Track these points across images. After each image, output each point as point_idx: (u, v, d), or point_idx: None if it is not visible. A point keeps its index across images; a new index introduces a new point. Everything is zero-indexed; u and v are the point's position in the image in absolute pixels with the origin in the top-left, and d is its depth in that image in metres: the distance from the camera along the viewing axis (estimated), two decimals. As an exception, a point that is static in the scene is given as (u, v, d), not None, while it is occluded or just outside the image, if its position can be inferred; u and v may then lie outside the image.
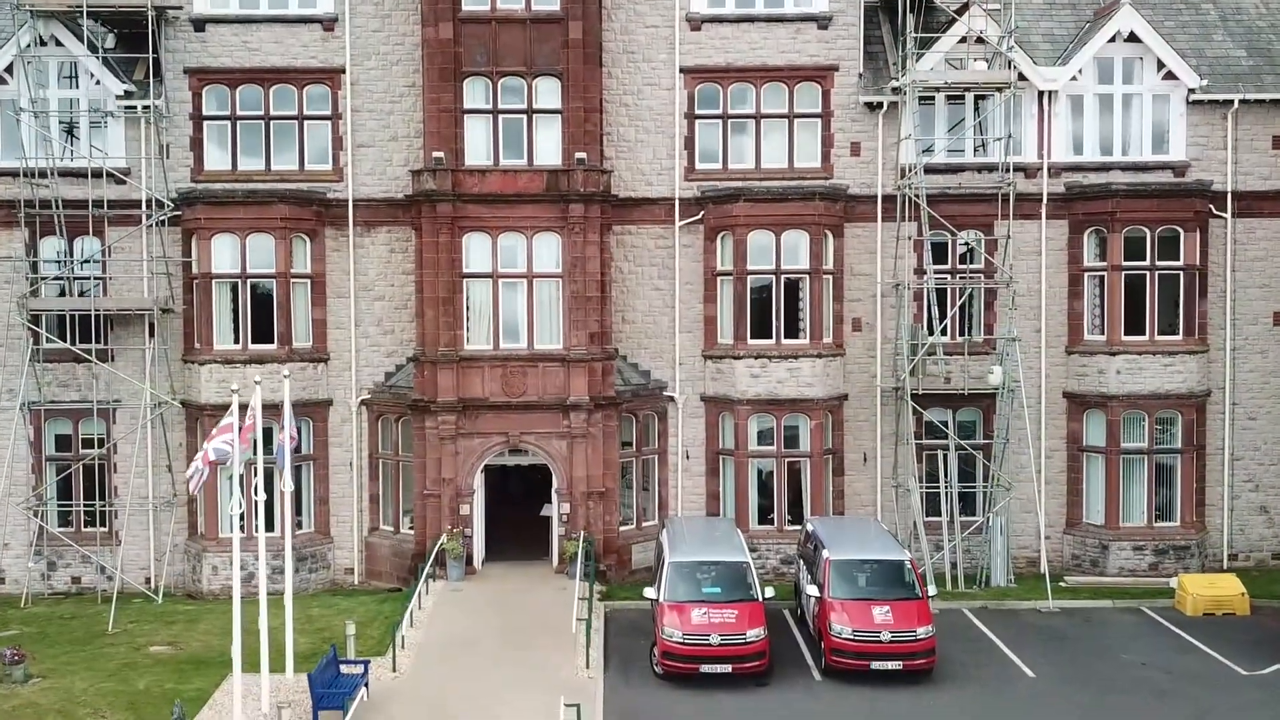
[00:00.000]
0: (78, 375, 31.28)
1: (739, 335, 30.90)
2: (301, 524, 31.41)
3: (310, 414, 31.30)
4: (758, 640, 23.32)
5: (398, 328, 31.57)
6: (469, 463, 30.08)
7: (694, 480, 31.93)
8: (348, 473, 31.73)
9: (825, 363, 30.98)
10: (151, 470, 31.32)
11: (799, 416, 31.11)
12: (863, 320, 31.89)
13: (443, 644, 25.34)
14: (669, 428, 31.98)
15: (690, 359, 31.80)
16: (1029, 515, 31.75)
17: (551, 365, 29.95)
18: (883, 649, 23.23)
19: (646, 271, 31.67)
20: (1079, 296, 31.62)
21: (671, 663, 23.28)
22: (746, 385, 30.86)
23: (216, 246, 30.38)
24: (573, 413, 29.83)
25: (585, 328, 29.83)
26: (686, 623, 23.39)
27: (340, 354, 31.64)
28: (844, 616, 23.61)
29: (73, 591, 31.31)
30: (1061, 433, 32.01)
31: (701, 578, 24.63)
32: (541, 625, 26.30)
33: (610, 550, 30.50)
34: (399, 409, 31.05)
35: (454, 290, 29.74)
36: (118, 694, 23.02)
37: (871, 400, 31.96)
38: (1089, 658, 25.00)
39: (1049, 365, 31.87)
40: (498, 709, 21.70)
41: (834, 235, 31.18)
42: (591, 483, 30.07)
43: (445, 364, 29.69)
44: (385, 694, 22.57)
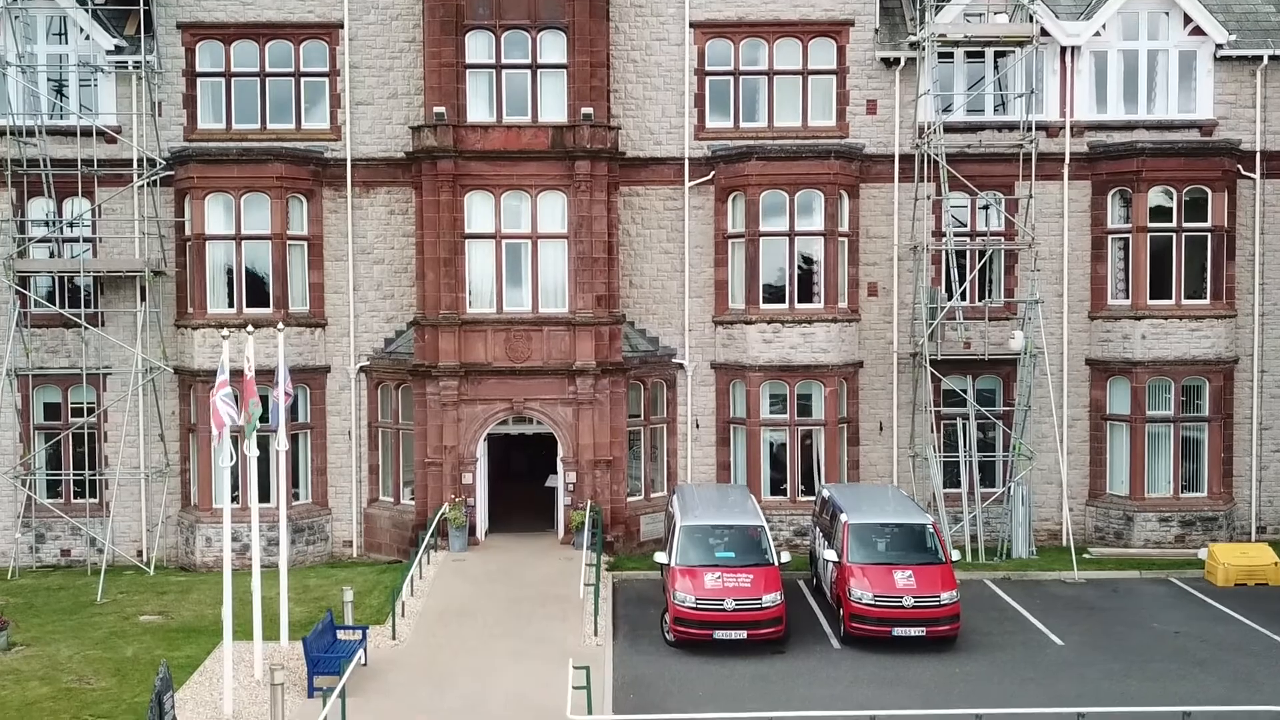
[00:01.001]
0: (67, 341, 30.25)
1: (751, 300, 29.83)
2: (298, 495, 30.39)
3: (307, 381, 30.26)
4: (774, 605, 22.26)
5: (398, 292, 30.51)
6: (471, 430, 29.03)
7: (704, 450, 30.87)
8: (346, 442, 30.69)
9: (840, 328, 29.91)
10: (143, 439, 30.30)
11: (813, 384, 30.04)
12: (879, 285, 30.82)
13: (444, 613, 24.30)
14: (678, 396, 30.92)
15: (700, 325, 30.74)
16: (1050, 486, 30.69)
17: (557, 329, 28.89)
18: (905, 614, 22.16)
19: (655, 234, 30.61)
20: (1102, 260, 30.54)
21: (684, 629, 22.21)
22: (759, 351, 29.79)
23: (210, 207, 29.34)
24: (579, 378, 28.77)
25: (591, 290, 28.77)
26: (699, 587, 22.33)
27: (338, 319, 30.59)
28: (864, 581, 22.53)
29: (61, 564, 30.28)
30: (1084, 401, 30.94)
31: (714, 542, 23.58)
32: (547, 594, 25.26)
33: (618, 521, 29.44)
34: (399, 376, 30.00)
35: (455, 251, 28.68)
36: (104, 661, 21.99)
37: (888, 368, 30.89)
38: (1120, 627, 23.93)
39: (1071, 331, 30.80)
40: (502, 676, 20.66)
41: (849, 196, 30.12)
42: (598, 451, 29.01)
43: (447, 327, 28.63)
44: (384, 662, 21.53)
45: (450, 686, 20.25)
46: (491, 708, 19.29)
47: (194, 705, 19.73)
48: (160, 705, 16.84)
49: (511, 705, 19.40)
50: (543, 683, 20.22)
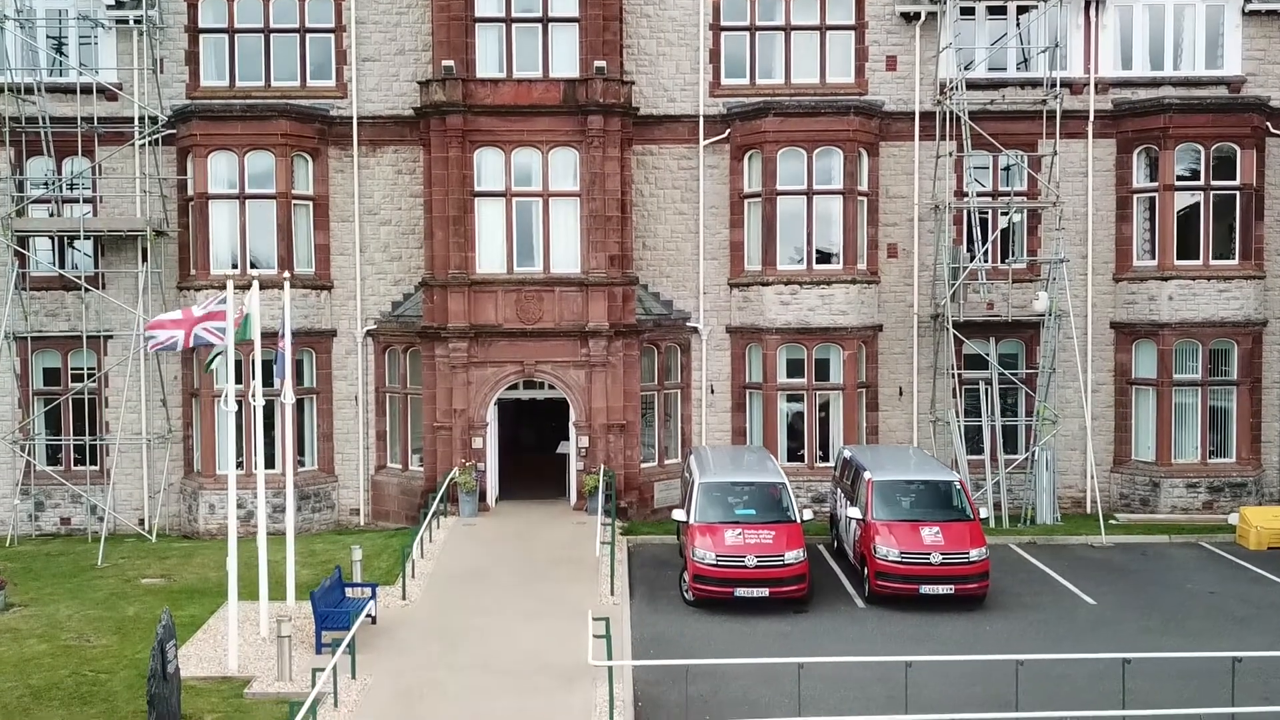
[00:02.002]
0: (67, 304, 29.53)
1: (768, 260, 29.07)
2: (304, 462, 29.65)
3: (313, 345, 29.53)
4: (797, 563, 21.51)
5: (405, 254, 29.77)
6: (481, 393, 28.29)
7: (719, 416, 30.12)
8: (353, 408, 29.95)
9: (860, 290, 29.16)
10: (145, 404, 29.57)
11: (831, 347, 29.29)
12: (899, 246, 30.06)
13: (455, 575, 23.57)
14: (692, 361, 30.17)
15: (715, 288, 29.98)
16: (1074, 453, 29.94)
17: (569, 290, 28.14)
18: (933, 572, 21.41)
19: (669, 194, 29.85)
20: (1128, 220, 29.78)
21: (703, 587, 21.47)
22: (775, 314, 29.04)
23: (213, 165, 28.60)
24: (591, 340, 28.02)
25: (604, 249, 28.02)
26: (720, 544, 21.59)
27: (344, 282, 29.85)
28: (890, 538, 21.78)
29: (61, 533, 29.56)
30: (1109, 365, 30.17)
31: (734, 500, 22.86)
32: (561, 557, 24.54)
33: (631, 487, 28.70)
34: (407, 339, 29.26)
35: (465, 209, 27.94)
36: (104, 620, 21.28)
37: (908, 331, 30.13)
38: (1152, 588, 23.21)
39: (1095, 294, 30.03)
40: (517, 634, 19.92)
41: (869, 154, 29.36)
42: (611, 415, 28.26)
43: (456, 288, 27.89)
44: (394, 621, 20.80)
45: (463, 644, 19.53)
46: (507, 663, 18.56)
47: (197, 661, 19.00)
48: (163, 654, 16.11)
49: (528, 660, 18.67)
50: (559, 640, 19.52)
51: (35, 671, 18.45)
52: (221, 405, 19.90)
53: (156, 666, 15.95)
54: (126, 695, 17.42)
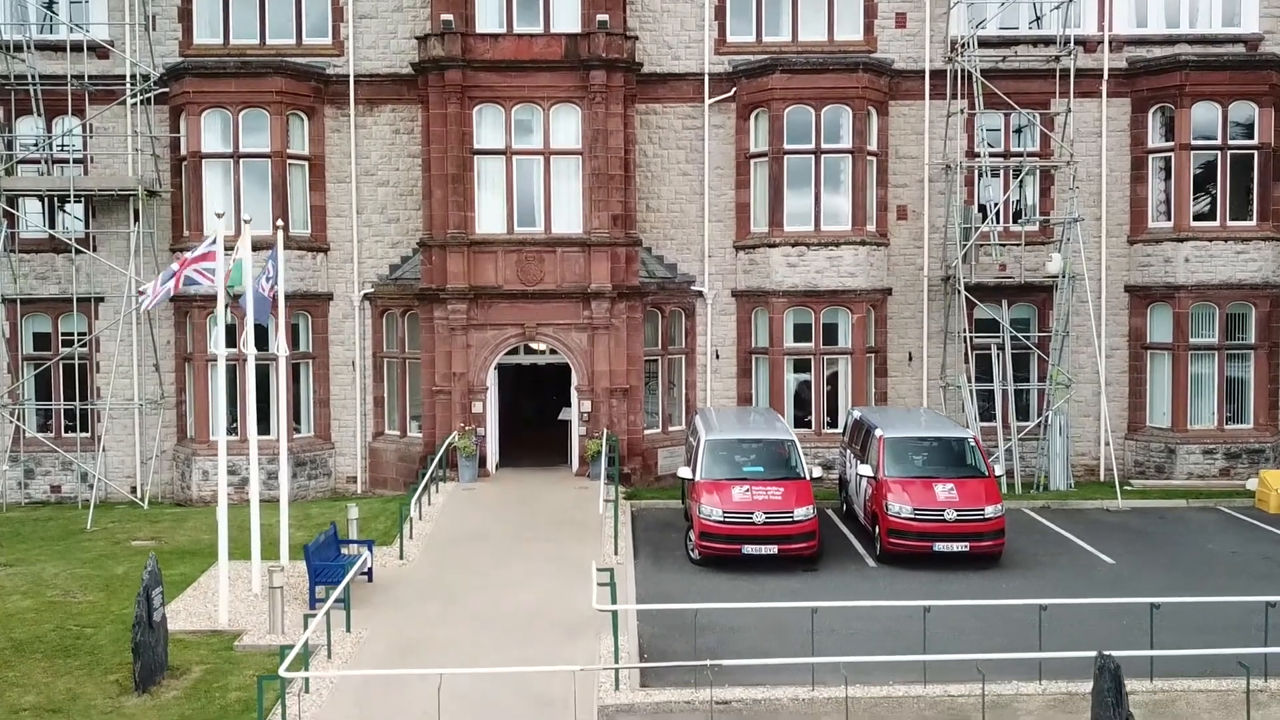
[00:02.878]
0: (57, 267, 28.88)
1: (775, 221, 28.39)
2: (299, 428, 28.99)
3: (308, 309, 28.87)
4: (806, 520, 20.85)
5: (403, 216, 29.10)
6: (481, 356, 27.61)
7: (724, 383, 29.46)
8: (350, 373, 29.28)
9: (869, 251, 28.48)
10: (137, 369, 28.92)
11: (839, 311, 28.61)
12: (908, 208, 29.37)
13: (454, 536, 22.92)
14: (696, 326, 29.50)
15: (720, 251, 29.30)
16: (1088, 419, 29.27)
17: (571, 250, 27.47)
18: (947, 529, 20.74)
19: (673, 155, 29.18)
20: (1142, 181, 29.10)
21: (710, 544, 20.80)
22: (782, 276, 28.37)
23: (207, 123, 27.94)
24: (594, 302, 27.34)
25: (607, 209, 27.35)
26: (727, 500, 20.92)
27: (341, 244, 29.18)
28: (903, 495, 21.11)
29: (52, 500, 28.92)
30: (1123, 330, 29.50)
31: (741, 458, 22.20)
32: (563, 519, 23.90)
33: (634, 453, 28.04)
34: (405, 302, 28.59)
35: (464, 168, 27.26)
36: (92, 578, 20.64)
37: (918, 295, 29.45)
38: (1172, 548, 22.58)
39: (1109, 257, 29.35)
40: (517, 590, 19.29)
41: (878, 113, 28.67)
42: (614, 379, 27.59)
43: (455, 248, 27.22)
44: (391, 580, 20.16)
45: (462, 600, 18.89)
46: (507, 617, 17.94)
47: (186, 616, 18.38)
48: (149, 601, 15.49)
49: (529, 615, 18.04)
50: (561, 596, 18.91)
51: (18, 626, 17.81)
52: (213, 347, 19.15)
53: (142, 614, 15.32)
54: (112, 649, 16.78)
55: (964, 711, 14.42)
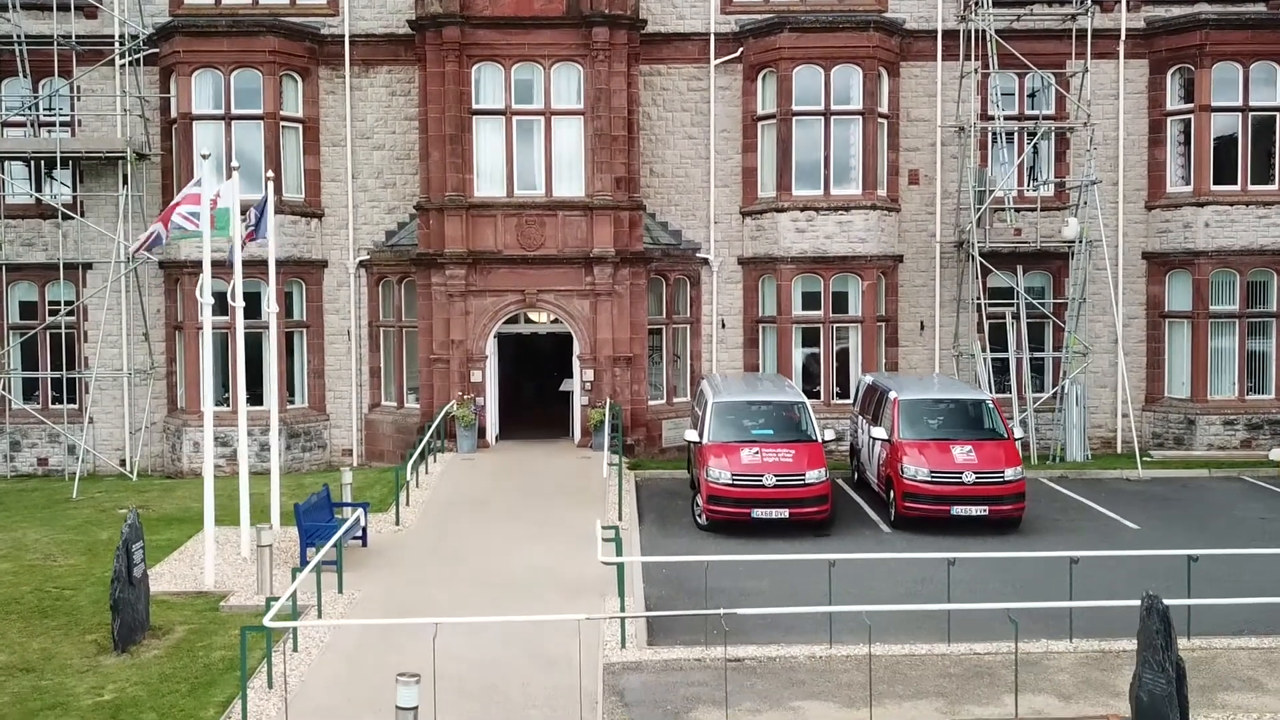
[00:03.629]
0: (44, 233, 28.06)
1: (783, 185, 27.55)
2: (293, 399, 28.17)
3: (302, 276, 28.05)
4: (818, 482, 20.02)
5: (400, 180, 28.26)
6: (481, 324, 26.78)
7: (730, 353, 28.62)
8: (345, 343, 28.45)
9: (880, 216, 27.65)
10: (126, 338, 28.10)
11: (849, 278, 27.78)
12: (920, 172, 28.54)
13: (452, 502, 22.11)
14: (702, 294, 28.66)
15: (726, 217, 28.47)
16: (1104, 390, 28.48)
17: (572, 214, 26.63)
18: (966, 491, 19.92)
19: (678, 118, 28.34)
20: (1161, 144, 28.28)
21: (718, 508, 19.98)
22: (791, 242, 27.53)
23: (197, 84, 27.10)
24: (596, 267, 26.50)
25: (610, 171, 26.50)
26: (736, 463, 20.10)
27: (335, 210, 28.35)
28: (919, 458, 20.29)
29: (39, 473, 28.08)
30: (1140, 298, 28.68)
31: (750, 422, 21.39)
32: (565, 486, 23.10)
33: (639, 424, 27.21)
34: (402, 269, 27.76)
35: (462, 128, 26.41)
36: (75, 543, 19.86)
37: (929, 262, 28.61)
38: (1198, 514, 21.80)
39: (1126, 223, 28.53)
40: (519, 554, 18.48)
41: (889, 74, 27.84)
42: (617, 347, 26.75)
43: (453, 211, 26.37)
44: (386, 544, 19.36)
45: (460, 563, 18.08)
46: (508, 579, 17.13)
47: (171, 578, 17.60)
48: (129, 555, 14.68)
49: (530, 576, 17.24)
50: (563, 559, 18.11)
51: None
52: (199, 295, 18.33)
53: (121, 568, 14.52)
54: (91, 609, 15.98)
55: (992, 669, 13.60)
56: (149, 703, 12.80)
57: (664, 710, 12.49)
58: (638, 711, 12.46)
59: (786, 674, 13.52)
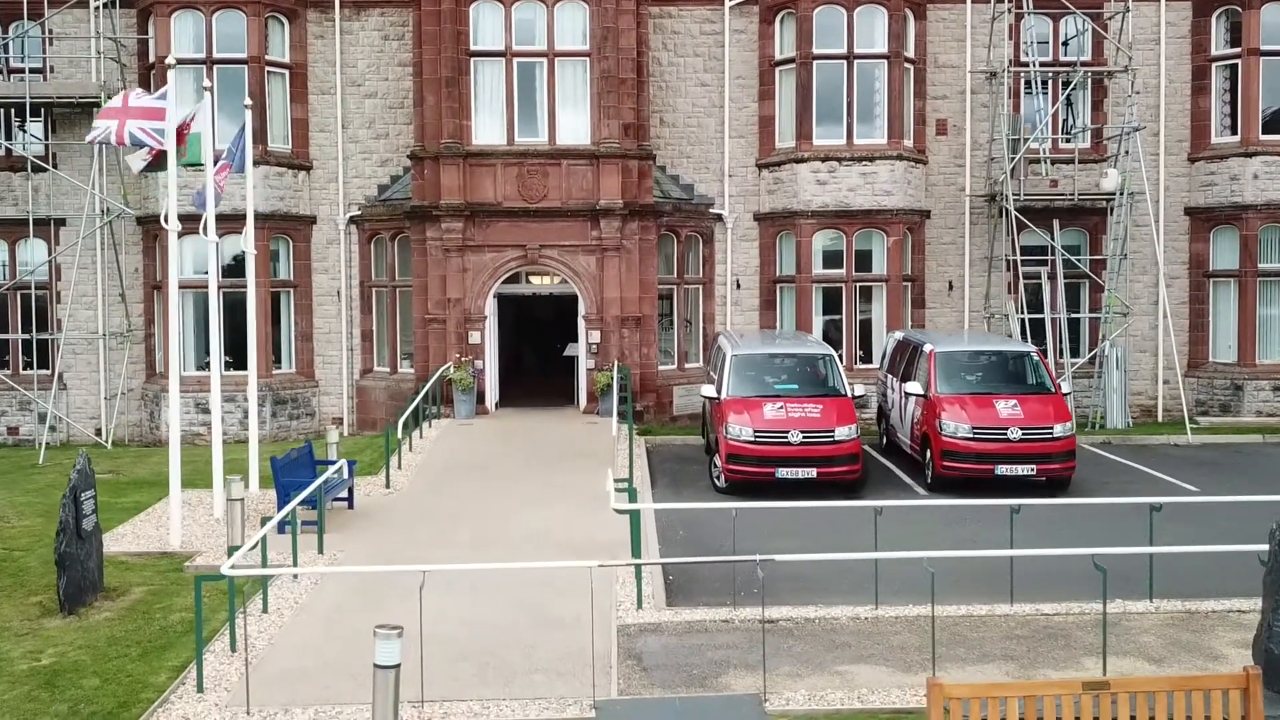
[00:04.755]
0: (14, 187, 26.32)
1: (803, 134, 25.78)
2: (279, 362, 26.43)
3: (289, 232, 26.31)
4: (849, 440, 18.25)
5: (393, 131, 26.51)
6: (479, 281, 25.01)
7: (745, 315, 26.85)
8: (335, 304, 26.70)
9: (906, 167, 25.88)
10: (102, 299, 26.37)
11: (873, 234, 26.02)
12: (948, 122, 26.78)
13: (449, 466, 20.37)
14: (715, 253, 26.91)
15: (742, 170, 26.72)
16: (1143, 355, 26.77)
17: (578, 163, 24.85)
18: (1011, 449, 18.14)
19: (690, 64, 26.58)
20: (1204, 92, 26.50)
21: (739, 468, 18.21)
22: (811, 194, 25.76)
23: (177, 26, 25.34)
24: (603, 220, 24.73)
25: (618, 117, 24.74)
26: (758, 419, 18.33)
27: (325, 162, 26.59)
28: (960, 413, 18.50)
29: (9, 443, 26.30)
30: (1182, 257, 26.92)
31: (772, 377, 19.62)
32: (571, 450, 21.35)
33: (648, 389, 25.44)
34: (395, 224, 26.00)
35: (459, 70, 24.63)
36: (33, 505, 18.17)
37: (958, 218, 26.86)
38: (1256, 476, 20.11)
39: (1168, 176, 26.76)
40: (520, 516, 16.74)
41: (915, 16, 26.08)
42: (625, 306, 25.00)
43: (449, 159, 24.61)
44: (375, 507, 17.63)
45: (456, 526, 16.33)
46: (508, 542, 15.39)
47: (134, 538, 15.94)
48: (76, 504, 12.94)
49: (533, 539, 15.51)
50: (569, 521, 16.39)
51: (-62, 549, 15.28)
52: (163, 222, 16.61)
53: (68, 519, 12.76)
54: (40, 570, 14.27)
55: (1064, 630, 11.85)
56: (92, 667, 11.06)
57: (688, 675, 10.74)
58: (658, 676, 10.72)
59: (827, 636, 11.77)
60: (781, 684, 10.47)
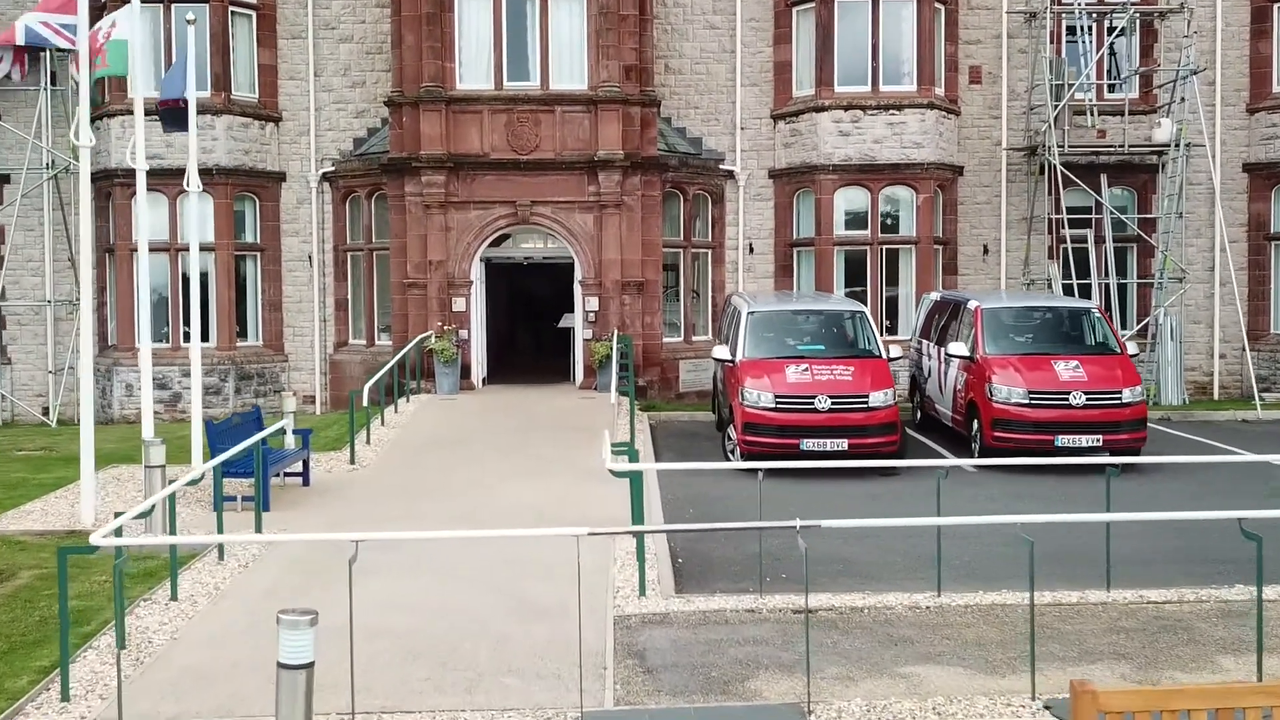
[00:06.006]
0: (-49, 140, 23.90)
1: (823, 80, 23.30)
2: (244, 333, 23.99)
3: (255, 190, 23.86)
4: (885, 406, 15.76)
5: (370, 79, 24.06)
6: (464, 242, 22.53)
7: (759, 283, 24.36)
8: (306, 270, 24.24)
9: (938, 118, 23.40)
10: (49, 264, 23.95)
11: (901, 191, 23.54)
12: (983, 69, 24.30)
13: (426, 441, 17.90)
14: (725, 213, 24.43)
15: (755, 123, 24.25)
16: (1197, 327, 24.33)
17: (573, 110, 22.37)
18: (1074, 417, 15.65)
19: (697, 4, 24.14)
20: (1265, 36, 24.04)
21: (757, 439, 15.70)
22: (833, 147, 23.27)
23: (130, -40, 22.85)
24: (602, 174, 22.23)
25: (618, 58, 22.27)
26: (779, 383, 15.84)
27: (295, 113, 24.14)
28: (1013, 375, 16.00)
29: (-55, 423, 23.87)
30: (1240, 218, 24.44)
31: (794, 339, 17.16)
32: (565, 424, 18.91)
33: (652, 362, 22.96)
34: (372, 181, 23.52)
35: (442, 7, 22.14)
36: (-63, 484, 15.61)
37: (994, 176, 24.37)
38: (1352, 453, 17.45)
39: (1224, 130, 24.27)
40: (506, 491, 14.34)
41: (946, -50, 23.66)
42: (626, 269, 22.51)
43: (430, 105, 22.13)
44: (336, 483, 15.17)
45: (431, 503, 13.88)
46: (491, 518, 12.92)
47: (41, 515, 13.55)
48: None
49: (520, 515, 13.04)
50: (562, 497, 13.98)
51: None
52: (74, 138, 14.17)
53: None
54: (-83, 552, 11.74)
55: (1184, 622, 9.35)
56: (-62, 668, 8.58)
57: (706, 678, 8.25)
58: (667, 679, 8.22)
59: (882, 629, 9.27)
60: (829, 690, 7.98)
